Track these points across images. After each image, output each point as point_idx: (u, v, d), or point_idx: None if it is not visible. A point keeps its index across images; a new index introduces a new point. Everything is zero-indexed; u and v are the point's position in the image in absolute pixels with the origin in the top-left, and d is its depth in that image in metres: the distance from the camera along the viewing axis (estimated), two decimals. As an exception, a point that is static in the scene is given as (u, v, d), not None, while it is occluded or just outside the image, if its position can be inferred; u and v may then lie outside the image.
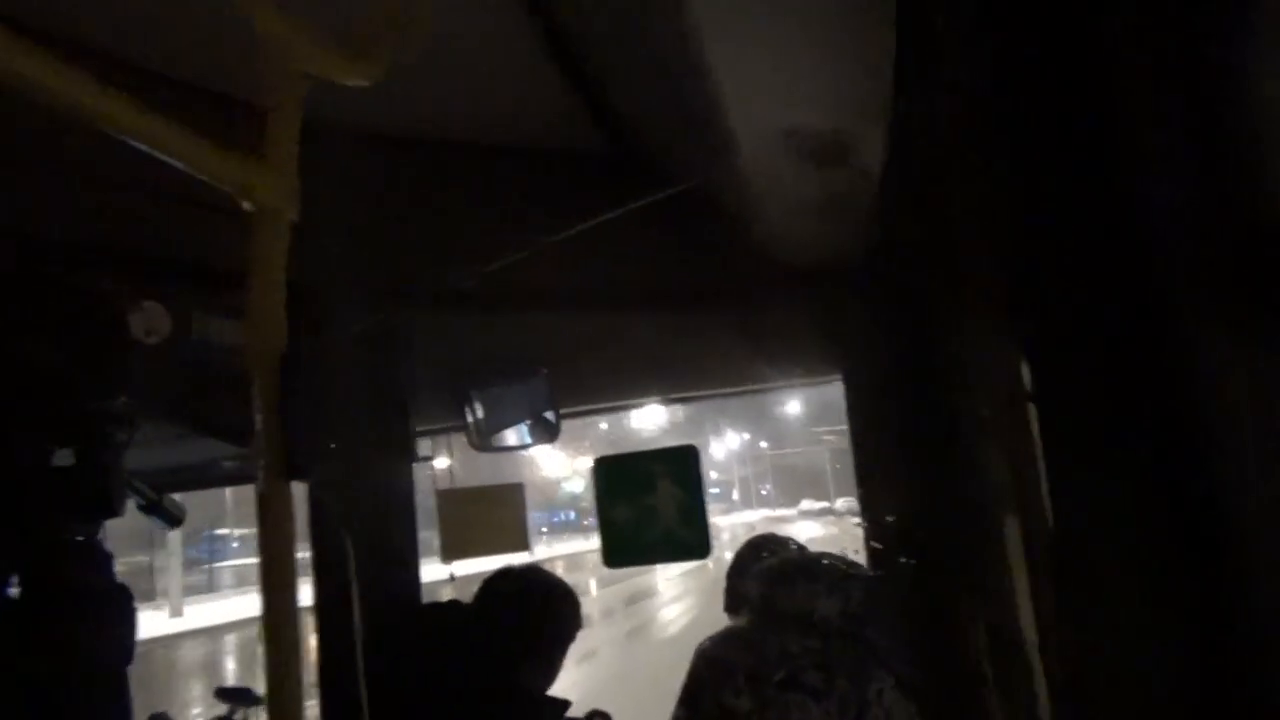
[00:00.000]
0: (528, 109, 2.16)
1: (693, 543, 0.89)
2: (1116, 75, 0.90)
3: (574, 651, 1.95)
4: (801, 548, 2.27)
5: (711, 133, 1.52)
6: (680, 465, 0.90)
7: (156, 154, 0.86)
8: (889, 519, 2.20)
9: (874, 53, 1.29)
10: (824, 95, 1.39)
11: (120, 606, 0.97)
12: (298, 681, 0.97)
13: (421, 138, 2.25)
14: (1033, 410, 1.03)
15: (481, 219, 2.27)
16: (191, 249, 1.81)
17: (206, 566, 29.14)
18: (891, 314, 2.19)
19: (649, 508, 0.89)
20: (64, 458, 0.95)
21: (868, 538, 2.26)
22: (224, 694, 2.86)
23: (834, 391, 2.67)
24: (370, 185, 2.17)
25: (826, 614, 1.84)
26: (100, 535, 0.98)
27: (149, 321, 1.77)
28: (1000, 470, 1.70)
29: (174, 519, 1.08)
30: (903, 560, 2.09)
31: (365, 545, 2.06)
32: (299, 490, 1.03)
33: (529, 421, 2.63)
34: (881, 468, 2.28)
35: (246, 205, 0.98)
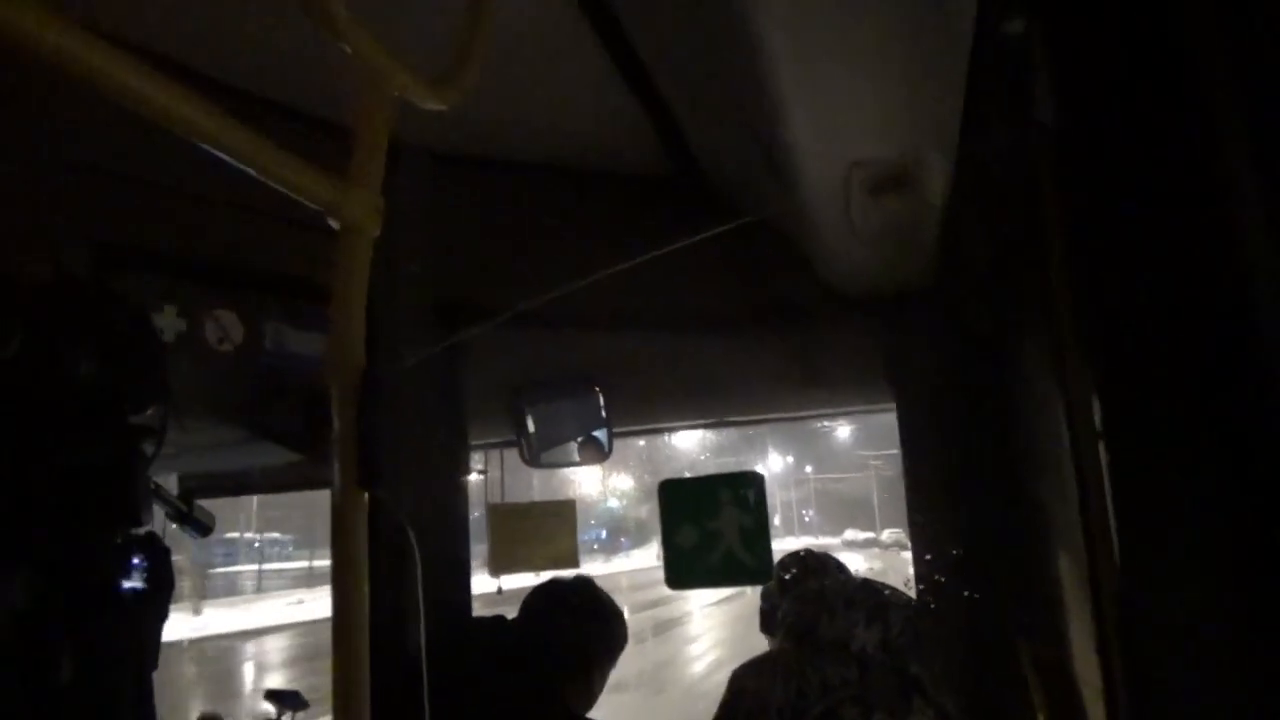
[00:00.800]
0: (597, 133, 2.20)
1: (755, 567, 0.90)
2: (1196, 101, 0.90)
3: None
4: (842, 566, 2.21)
5: (779, 163, 1.54)
6: (745, 490, 0.91)
7: (247, 169, 0.90)
8: (945, 551, 2.17)
9: (947, 82, 1.29)
10: (894, 126, 1.40)
11: (150, 608, 0.99)
12: (365, 689, 0.99)
13: (490, 158, 2.30)
14: (1102, 448, 1.02)
15: (545, 239, 2.31)
16: (264, 260, 1.86)
17: (220, 569, 29.59)
18: (951, 344, 2.17)
19: (713, 531, 0.90)
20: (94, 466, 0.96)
21: (917, 570, 2.24)
22: (273, 696, 2.90)
23: (881, 417, 2.64)
24: (439, 203, 2.22)
25: (865, 644, 1.77)
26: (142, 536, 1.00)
27: (222, 330, 1.83)
28: (1063, 508, 1.68)
29: (204, 528, 1.12)
30: (955, 593, 2.06)
31: (421, 555, 2.09)
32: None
33: (581, 439, 2.66)
34: (936, 498, 2.26)
35: (333, 223, 1.02)
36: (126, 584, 1.01)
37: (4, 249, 1.47)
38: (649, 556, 36.82)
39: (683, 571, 0.92)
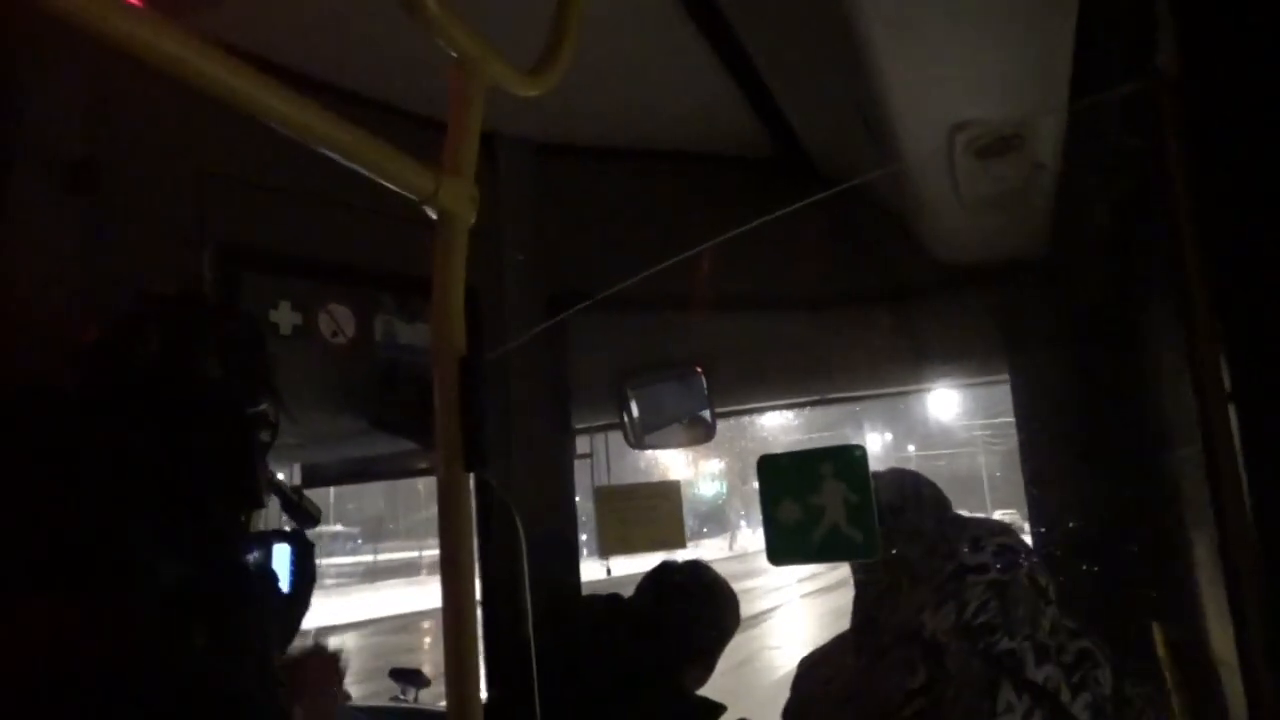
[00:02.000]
0: (696, 115, 2.19)
1: (861, 542, 0.88)
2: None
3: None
4: (937, 501, 1.76)
5: (879, 130, 1.49)
6: (848, 464, 0.89)
7: (346, 162, 0.92)
8: (1067, 527, 2.09)
9: (1053, 39, 1.23)
10: (996, 87, 1.34)
11: (271, 584, 1.07)
12: (476, 666, 1.01)
13: (591, 146, 2.32)
14: (1233, 412, 0.96)
15: (650, 224, 2.31)
16: (374, 256, 1.92)
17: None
18: (1069, 311, 2.08)
19: (815, 506, 0.88)
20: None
21: (1037, 546, 2.15)
22: (397, 674, 3.02)
23: (988, 390, 2.52)
24: (544, 193, 2.25)
25: (936, 630, 1.45)
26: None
27: (335, 323, 1.91)
28: (1194, 480, 1.59)
29: (312, 518, 1.17)
30: (1081, 571, 1.98)
31: (530, 536, 2.14)
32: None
33: (685, 419, 2.66)
34: (1056, 472, 2.17)
35: (430, 211, 1.04)
36: (266, 571, 1.08)
37: (148, 254, 1.58)
38: (721, 546, 36.07)
39: (784, 547, 0.91)
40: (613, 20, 1.74)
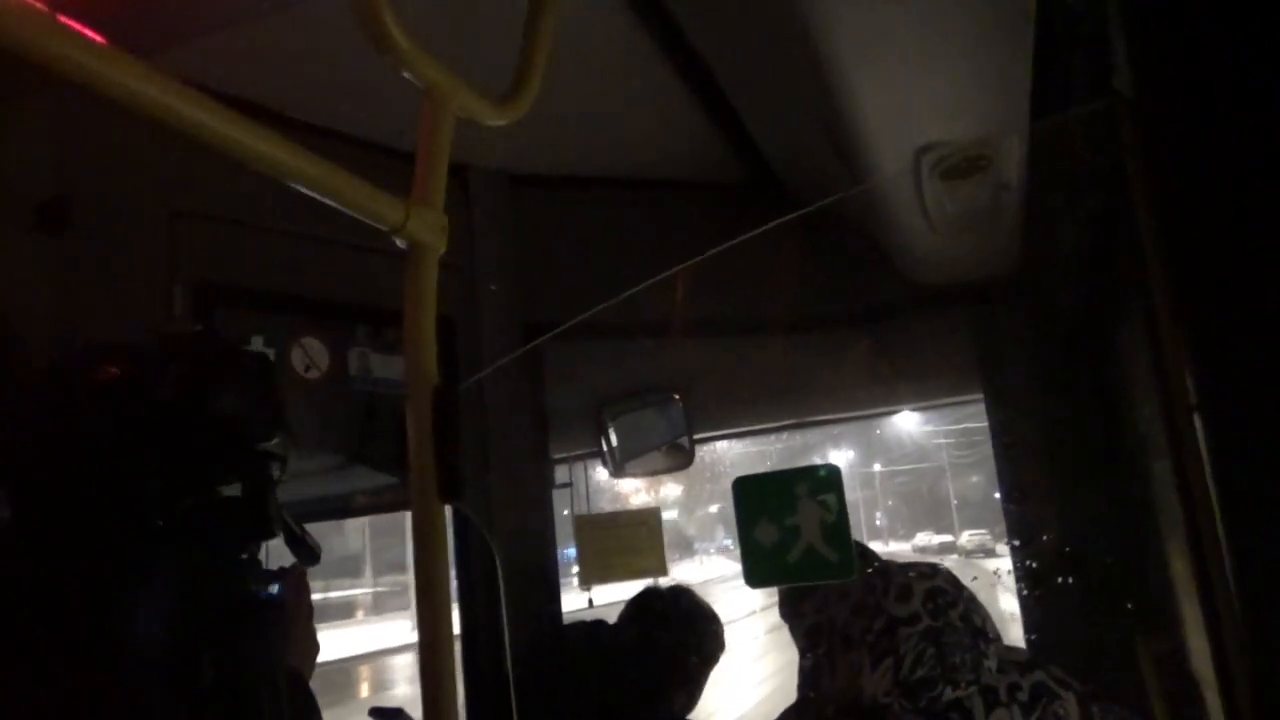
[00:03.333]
0: (665, 143, 2.21)
1: (837, 562, 0.88)
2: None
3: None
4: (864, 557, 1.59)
5: (845, 153, 1.51)
6: (822, 484, 0.89)
7: (314, 194, 0.92)
8: (1045, 544, 2.10)
9: (1012, 58, 1.25)
10: (960, 109, 1.36)
11: (268, 616, 1.07)
12: (454, 702, 1.00)
13: (562, 175, 2.33)
14: (1199, 423, 0.97)
15: (624, 251, 2.33)
16: (345, 289, 1.92)
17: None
18: (1042, 330, 2.10)
19: (791, 527, 0.88)
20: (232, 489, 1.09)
21: (1016, 565, 2.16)
22: (378, 714, 2.96)
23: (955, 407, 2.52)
24: (517, 223, 2.26)
25: (875, 691, 1.35)
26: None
27: (308, 358, 1.89)
28: (1170, 495, 1.60)
29: (314, 555, 1.17)
30: (1060, 589, 1.98)
31: (509, 566, 2.12)
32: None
33: (664, 446, 2.66)
34: (1033, 488, 2.19)
35: (400, 242, 1.04)
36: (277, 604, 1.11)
37: (118, 293, 1.57)
38: (692, 569, 35.48)
39: (762, 569, 0.91)
40: (581, 51, 1.75)
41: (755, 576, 0.91)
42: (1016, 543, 2.15)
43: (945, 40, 1.23)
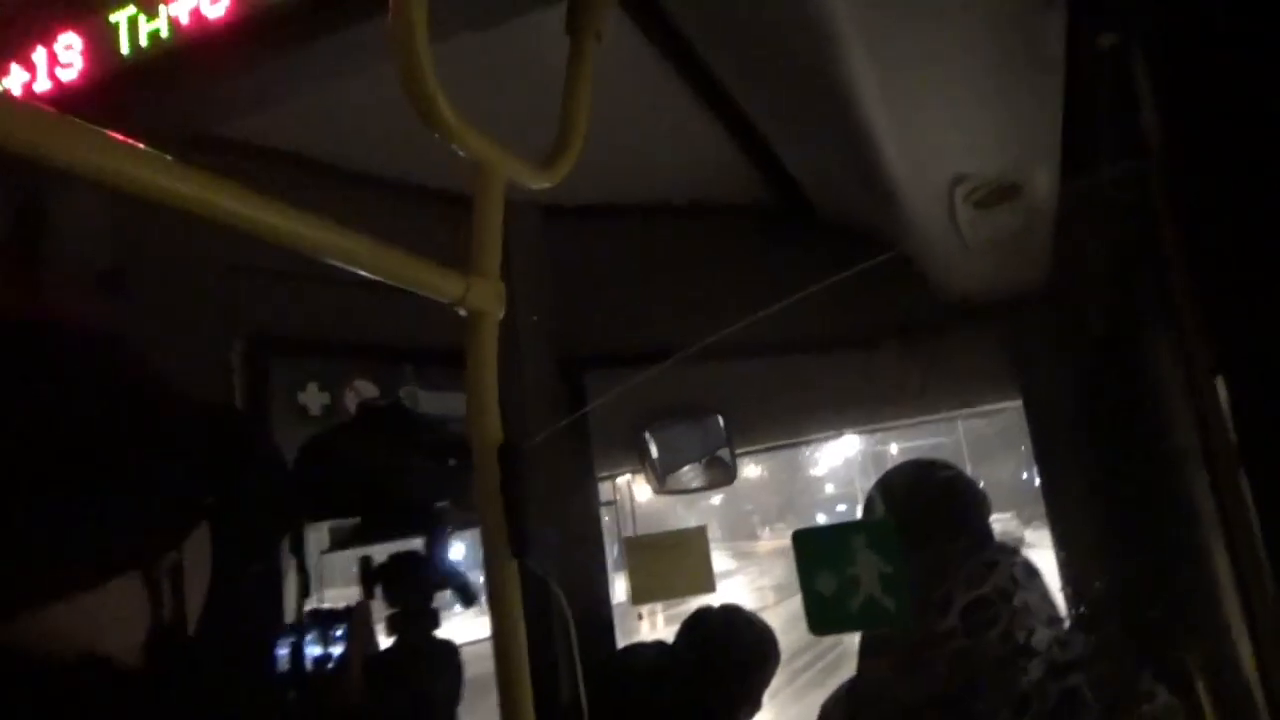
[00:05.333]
0: (690, 167, 2.24)
1: (895, 611, 0.92)
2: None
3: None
4: (948, 477, 1.64)
5: (879, 185, 1.54)
6: (879, 536, 0.93)
7: (375, 277, 0.97)
8: (1091, 550, 2.11)
9: (1044, 96, 1.28)
10: (993, 142, 1.39)
11: (452, 657, 1.21)
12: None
13: (589, 204, 2.37)
14: (1233, 430, 0.99)
15: (651, 275, 2.37)
16: (396, 331, 1.97)
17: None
18: (1075, 340, 2.12)
19: (850, 578, 0.92)
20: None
21: (1062, 572, 2.17)
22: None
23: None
24: (548, 253, 2.31)
25: (908, 700, 1.34)
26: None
27: (360, 399, 1.95)
28: (1203, 495, 1.62)
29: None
30: (1106, 598, 2.00)
31: (565, 592, 2.17)
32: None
33: (705, 460, 2.69)
34: (1075, 495, 2.20)
35: (461, 311, 1.08)
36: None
37: (179, 351, 1.63)
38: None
39: (823, 617, 0.95)
40: (608, 85, 1.79)
41: (819, 624, 0.95)
42: (1062, 551, 2.17)
43: (977, 80, 1.26)
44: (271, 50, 1.20)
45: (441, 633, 1.23)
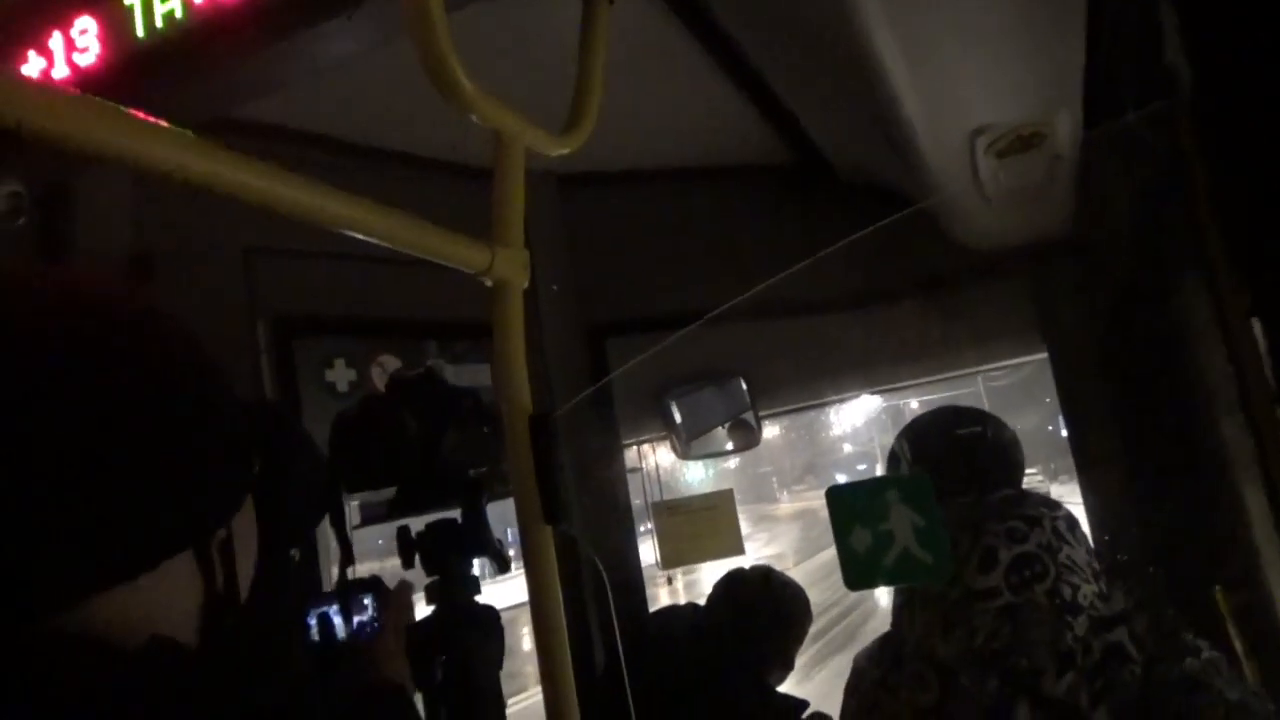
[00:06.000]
0: (706, 129, 2.22)
1: (933, 564, 0.92)
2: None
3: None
4: (980, 426, 1.57)
5: (899, 140, 1.53)
6: (913, 491, 0.93)
7: (403, 250, 0.97)
8: (1121, 501, 2.11)
9: (1066, 41, 1.26)
10: (1012, 92, 1.37)
11: (494, 622, 1.23)
12: (574, 702, 1.07)
13: (606, 170, 2.36)
14: (1270, 377, 0.99)
15: (670, 239, 2.36)
16: (416, 306, 1.98)
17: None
18: (1101, 288, 2.10)
19: (884, 533, 0.93)
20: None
21: (1090, 524, 2.17)
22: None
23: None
24: (566, 221, 2.31)
25: (946, 654, 1.34)
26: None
27: (387, 374, 1.97)
28: (1245, 446, 1.61)
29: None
30: (1138, 545, 2.00)
31: (594, 559, 2.19)
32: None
33: (729, 424, 2.70)
34: (1104, 444, 2.19)
35: (486, 282, 1.09)
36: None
37: (204, 329, 1.65)
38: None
39: (859, 573, 0.96)
40: (624, 51, 1.78)
41: (854, 579, 0.96)
42: (1093, 501, 2.16)
43: (995, 27, 1.24)
44: (287, 28, 1.20)
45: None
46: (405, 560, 1.21)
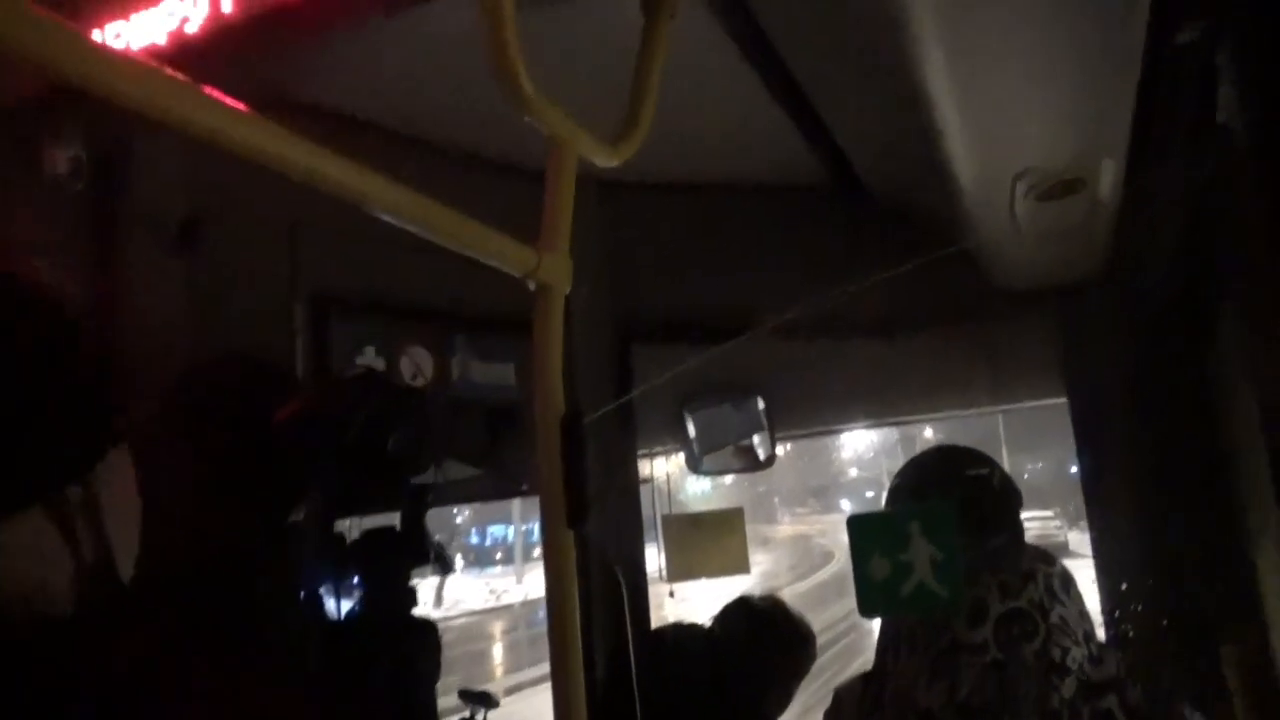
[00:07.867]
0: (745, 145, 2.24)
1: (947, 597, 0.93)
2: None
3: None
4: (983, 471, 1.57)
5: (940, 175, 1.54)
6: (935, 523, 0.94)
7: (450, 247, 0.99)
8: (1133, 549, 2.10)
9: (1117, 92, 1.27)
10: (1058, 137, 1.38)
11: (432, 635, 1.18)
12: (583, 707, 1.08)
13: (643, 180, 2.38)
14: None
15: (703, 252, 2.38)
16: (446, 297, 2.00)
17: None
18: (1129, 334, 2.11)
19: (903, 563, 0.94)
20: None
21: (1100, 570, 2.17)
22: (466, 696, 3.08)
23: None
24: (602, 227, 2.33)
25: (930, 704, 1.32)
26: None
27: (415, 365, 1.99)
28: (1261, 504, 1.62)
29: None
30: (1148, 594, 2.00)
31: (600, 563, 2.20)
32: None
33: (742, 445, 2.71)
34: (1119, 493, 2.19)
35: (530, 284, 1.11)
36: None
37: (244, 307, 1.67)
38: None
39: (874, 600, 0.97)
40: (674, 62, 1.80)
41: (869, 607, 0.97)
42: (1104, 548, 2.16)
43: (1049, 70, 1.25)
44: (362, 16, 1.22)
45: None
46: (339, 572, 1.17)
